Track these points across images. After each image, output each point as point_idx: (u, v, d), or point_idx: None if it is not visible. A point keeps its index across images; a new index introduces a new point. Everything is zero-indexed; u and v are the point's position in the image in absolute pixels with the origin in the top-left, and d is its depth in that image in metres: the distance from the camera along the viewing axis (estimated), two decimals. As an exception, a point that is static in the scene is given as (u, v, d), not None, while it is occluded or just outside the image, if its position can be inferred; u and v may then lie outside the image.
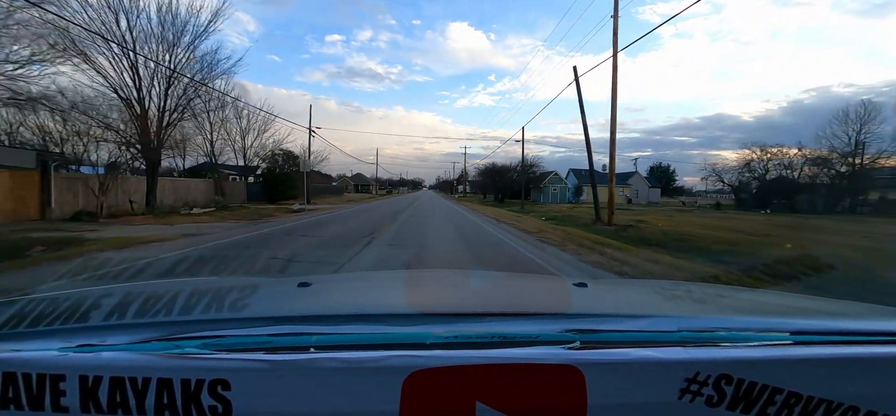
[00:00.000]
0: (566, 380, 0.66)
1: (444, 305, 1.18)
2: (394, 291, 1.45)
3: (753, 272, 6.19)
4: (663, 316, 0.92)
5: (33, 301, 0.95)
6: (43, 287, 3.50)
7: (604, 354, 0.69)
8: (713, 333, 0.81)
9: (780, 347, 0.73)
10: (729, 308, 1.23)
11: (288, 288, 1.33)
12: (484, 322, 0.82)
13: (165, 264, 6.09)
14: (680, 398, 0.67)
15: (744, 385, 0.68)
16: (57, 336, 0.73)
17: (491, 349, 0.69)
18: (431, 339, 0.71)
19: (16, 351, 0.67)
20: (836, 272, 6.26)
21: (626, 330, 0.79)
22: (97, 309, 0.95)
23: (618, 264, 7.23)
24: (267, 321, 0.80)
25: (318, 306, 1.12)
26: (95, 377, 0.64)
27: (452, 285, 1.60)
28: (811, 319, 0.98)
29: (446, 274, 2.37)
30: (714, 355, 0.70)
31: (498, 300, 1.28)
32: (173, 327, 0.77)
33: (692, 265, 7.28)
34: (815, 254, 7.53)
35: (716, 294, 1.50)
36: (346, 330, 0.76)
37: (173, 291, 1.15)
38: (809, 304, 1.34)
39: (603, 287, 1.80)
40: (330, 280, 2.25)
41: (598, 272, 6.65)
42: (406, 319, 0.88)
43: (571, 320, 0.86)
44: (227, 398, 0.64)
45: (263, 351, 0.67)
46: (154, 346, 0.69)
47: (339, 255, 7.56)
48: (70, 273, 5.02)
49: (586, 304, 1.22)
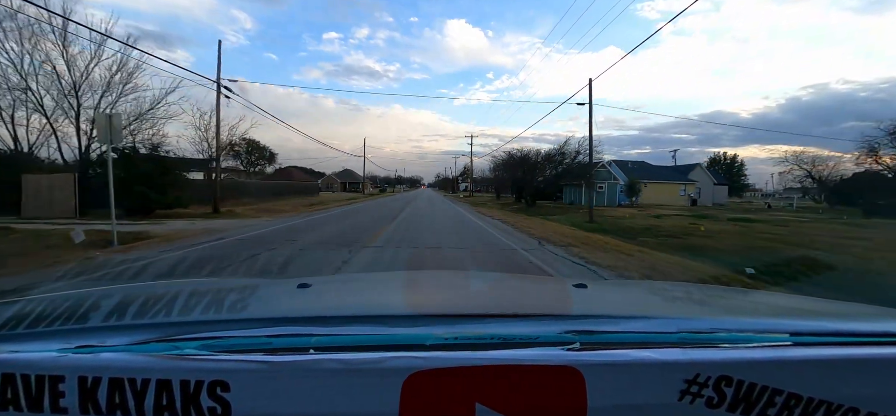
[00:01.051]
0: (566, 381, 0.66)
1: (443, 306, 1.19)
2: (393, 292, 1.45)
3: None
4: (663, 317, 0.92)
5: (32, 302, 0.94)
6: (41, 288, 3.36)
7: (604, 355, 0.69)
8: (713, 334, 0.80)
9: (779, 348, 0.73)
10: (729, 309, 1.22)
11: (287, 289, 1.32)
12: (484, 324, 0.82)
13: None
14: (680, 400, 0.67)
15: (744, 387, 0.68)
16: (56, 337, 0.73)
17: (491, 351, 0.69)
18: (431, 340, 0.71)
19: (15, 352, 0.67)
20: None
21: (626, 331, 0.79)
22: (96, 310, 0.94)
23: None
24: (266, 322, 0.79)
25: (317, 307, 1.12)
26: (94, 378, 0.63)
27: (452, 286, 1.59)
28: (811, 320, 0.98)
29: (446, 275, 2.37)
30: (714, 356, 0.70)
31: (498, 302, 1.28)
32: (172, 328, 0.77)
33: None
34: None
35: (715, 295, 1.49)
36: (345, 331, 0.76)
37: (172, 292, 1.14)
38: (809, 305, 1.34)
39: (603, 288, 1.77)
40: (330, 281, 2.25)
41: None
42: (406, 320, 0.88)
43: (571, 321, 0.86)
44: (227, 400, 0.63)
45: (263, 352, 0.67)
46: (153, 347, 0.69)
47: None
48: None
49: (586, 305, 1.21)
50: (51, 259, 6.48)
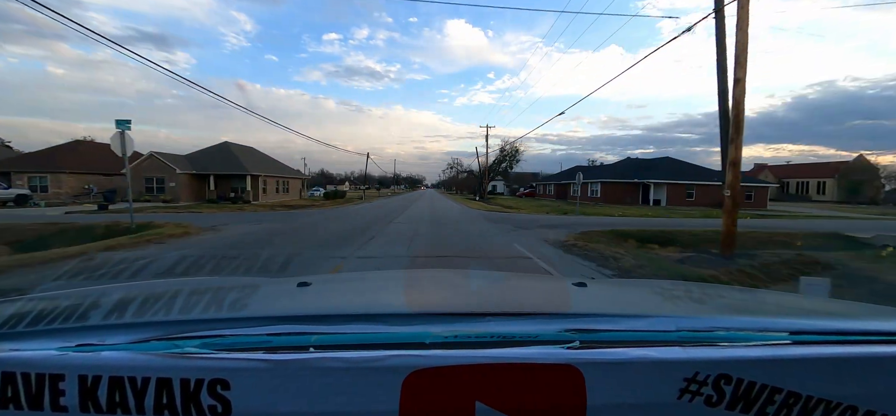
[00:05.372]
0: (565, 380, 0.66)
1: (443, 305, 1.19)
2: (393, 290, 1.44)
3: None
4: (663, 316, 0.92)
5: (32, 301, 0.94)
6: (42, 286, 3.42)
7: (603, 354, 0.69)
8: (712, 333, 0.81)
9: (779, 347, 0.73)
10: (728, 308, 1.23)
11: (287, 288, 1.33)
12: (483, 322, 0.82)
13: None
14: (679, 398, 0.67)
15: (743, 385, 0.68)
16: (56, 336, 0.73)
17: (490, 349, 0.69)
18: (431, 339, 0.71)
19: (15, 351, 0.67)
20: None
21: (626, 330, 0.79)
22: (96, 309, 0.94)
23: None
24: (266, 321, 0.79)
25: (317, 306, 1.11)
26: (94, 377, 0.63)
27: (452, 284, 1.60)
28: (810, 319, 0.98)
29: (446, 274, 2.39)
30: (713, 354, 0.70)
31: (497, 300, 1.28)
32: (173, 327, 0.77)
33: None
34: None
35: (714, 294, 1.50)
36: (345, 330, 0.76)
37: (173, 290, 1.14)
38: (808, 304, 1.34)
39: (602, 287, 1.79)
40: (330, 280, 2.25)
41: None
42: (405, 319, 0.88)
43: (571, 319, 0.86)
44: (227, 398, 0.64)
45: (263, 351, 0.67)
46: (153, 345, 0.69)
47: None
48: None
49: (585, 304, 1.21)
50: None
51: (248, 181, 31.38)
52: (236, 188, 31.55)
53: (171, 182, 29.39)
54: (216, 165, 31.57)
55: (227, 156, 32.72)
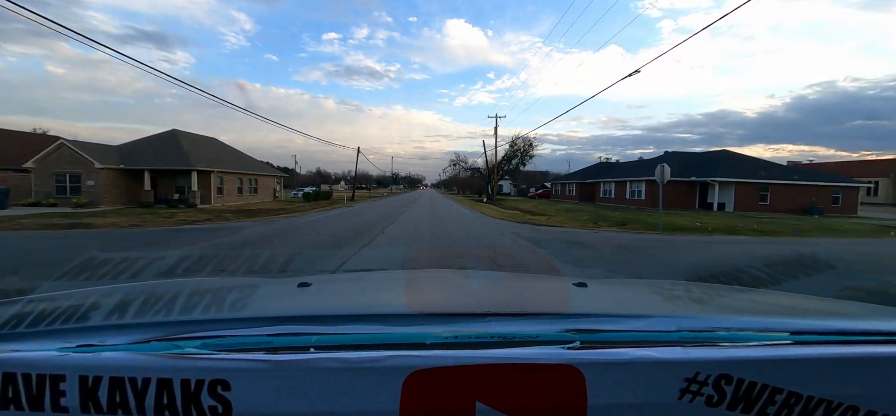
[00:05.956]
0: (566, 380, 0.66)
1: (443, 305, 1.19)
2: (394, 291, 1.45)
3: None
4: (663, 316, 0.92)
5: (33, 301, 0.94)
6: (43, 287, 2.85)
7: (604, 354, 0.69)
8: (713, 333, 0.80)
9: (779, 347, 0.73)
10: (728, 308, 1.21)
11: (288, 288, 1.33)
12: (484, 322, 0.81)
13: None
14: (680, 398, 0.68)
15: (744, 385, 0.68)
16: (57, 336, 0.73)
17: (491, 349, 0.69)
18: (431, 339, 0.72)
19: (16, 351, 0.67)
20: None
21: (626, 330, 0.79)
22: (97, 309, 0.94)
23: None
24: (267, 321, 0.79)
25: (317, 306, 1.11)
26: (95, 378, 0.64)
27: (452, 285, 1.60)
28: (811, 319, 0.97)
29: (446, 274, 2.31)
30: (714, 355, 0.70)
31: (497, 300, 1.28)
32: (173, 328, 0.77)
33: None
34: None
35: (715, 294, 1.47)
36: (346, 330, 0.76)
37: (173, 291, 1.14)
38: (809, 304, 1.29)
39: (603, 287, 1.73)
40: (330, 280, 2.15)
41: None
42: (406, 319, 0.88)
43: (571, 320, 0.86)
44: (228, 398, 0.64)
45: (263, 351, 0.67)
46: (154, 346, 0.69)
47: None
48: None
49: (586, 304, 1.20)
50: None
51: (194, 179, 23.45)
52: (182, 188, 24.10)
53: (89, 180, 21.23)
54: (154, 158, 23.53)
55: (170, 147, 24.70)
